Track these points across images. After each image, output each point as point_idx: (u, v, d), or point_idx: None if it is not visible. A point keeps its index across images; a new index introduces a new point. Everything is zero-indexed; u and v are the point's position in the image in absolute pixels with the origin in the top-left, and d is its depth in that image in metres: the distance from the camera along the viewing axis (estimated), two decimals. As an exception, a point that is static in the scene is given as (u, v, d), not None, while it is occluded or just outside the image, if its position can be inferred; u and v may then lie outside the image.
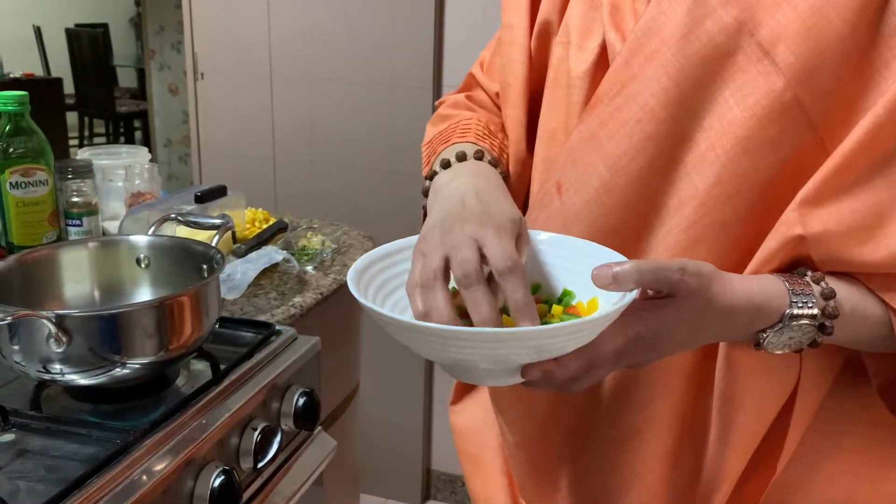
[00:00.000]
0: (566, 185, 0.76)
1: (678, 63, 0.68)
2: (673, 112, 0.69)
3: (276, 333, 1.06)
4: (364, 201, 2.26)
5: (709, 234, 0.70)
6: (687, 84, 0.68)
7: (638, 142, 0.71)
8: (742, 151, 0.67)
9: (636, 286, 0.61)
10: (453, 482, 2.45)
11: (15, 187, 1.27)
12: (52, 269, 0.97)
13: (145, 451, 0.78)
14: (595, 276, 0.61)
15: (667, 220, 0.72)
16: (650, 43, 0.70)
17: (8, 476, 0.75)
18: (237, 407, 0.89)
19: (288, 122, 2.31)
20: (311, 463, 1.06)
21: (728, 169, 0.68)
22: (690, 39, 0.68)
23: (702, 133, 0.69)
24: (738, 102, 0.67)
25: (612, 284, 0.60)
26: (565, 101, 0.78)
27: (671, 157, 0.70)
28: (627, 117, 0.71)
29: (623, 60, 0.72)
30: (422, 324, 0.60)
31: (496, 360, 0.61)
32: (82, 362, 0.81)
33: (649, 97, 0.70)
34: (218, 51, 2.33)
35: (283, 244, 1.46)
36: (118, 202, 1.56)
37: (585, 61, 0.76)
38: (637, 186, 0.72)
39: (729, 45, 0.67)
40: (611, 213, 0.73)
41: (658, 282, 0.62)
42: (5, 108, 1.25)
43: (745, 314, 0.65)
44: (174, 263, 1.00)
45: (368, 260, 0.70)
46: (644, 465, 0.77)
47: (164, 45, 4.60)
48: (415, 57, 2.11)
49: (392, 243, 0.73)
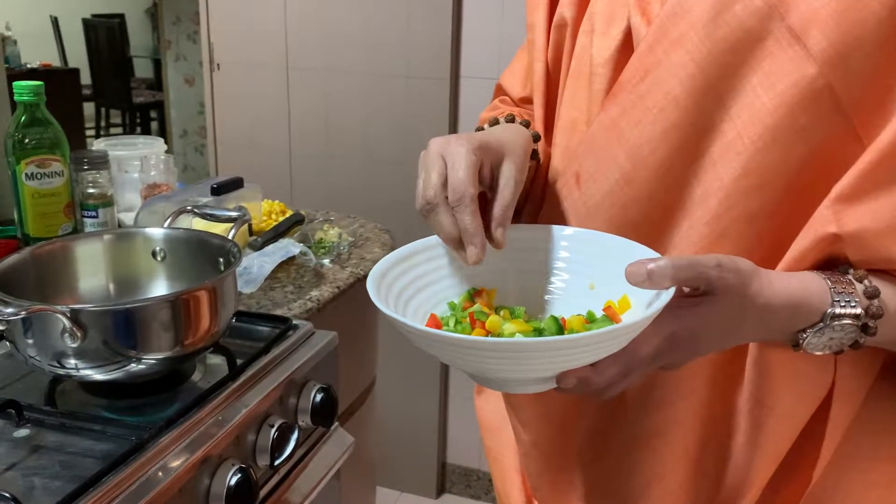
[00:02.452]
0: (585, 176, 0.74)
1: (705, 48, 0.66)
2: (698, 100, 0.67)
3: (293, 328, 1.04)
4: (380, 193, 2.24)
5: (734, 228, 0.67)
6: (714, 70, 0.66)
7: (661, 131, 0.68)
8: (770, 141, 0.64)
9: (672, 284, 0.58)
10: (468, 476, 2.44)
11: (30, 178, 1.26)
12: (67, 261, 0.96)
13: (161, 449, 0.77)
14: (629, 273, 0.59)
15: (690, 213, 0.69)
16: (676, 27, 0.67)
17: (23, 472, 0.74)
18: (254, 403, 0.88)
19: (304, 114, 2.29)
20: (329, 460, 1.04)
21: (755, 159, 0.65)
22: (718, 23, 0.65)
23: (728, 122, 0.66)
24: (767, 90, 0.64)
25: (646, 282, 0.58)
26: (587, 89, 0.76)
27: (696, 147, 0.68)
28: (650, 105, 0.69)
29: (647, 46, 0.69)
30: (452, 335, 0.58)
31: (529, 370, 0.59)
32: (97, 357, 0.80)
33: (674, 84, 0.67)
34: (234, 41, 2.31)
35: (300, 237, 1.44)
36: (134, 193, 1.55)
37: (608, 48, 0.73)
38: (659, 177, 0.69)
39: (758, 30, 0.64)
40: (631, 205, 0.71)
41: (695, 278, 0.59)
42: (21, 99, 1.24)
43: (784, 312, 0.62)
44: (190, 256, 0.99)
45: (388, 263, 0.68)
46: (664, 467, 0.75)
47: (181, 36, 4.60)
48: (432, 48, 2.09)
49: (411, 245, 0.71)
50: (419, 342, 0.60)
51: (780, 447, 0.71)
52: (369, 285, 0.64)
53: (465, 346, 0.57)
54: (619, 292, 0.65)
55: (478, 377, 0.63)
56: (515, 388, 0.64)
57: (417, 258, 0.71)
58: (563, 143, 0.79)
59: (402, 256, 0.70)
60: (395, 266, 0.69)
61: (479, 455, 2.40)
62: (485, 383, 0.64)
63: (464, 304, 0.70)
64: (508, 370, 0.59)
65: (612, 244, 0.68)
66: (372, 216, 1.73)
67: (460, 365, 0.61)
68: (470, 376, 0.64)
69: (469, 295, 0.71)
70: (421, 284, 0.69)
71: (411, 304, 0.68)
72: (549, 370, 0.59)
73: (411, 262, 0.70)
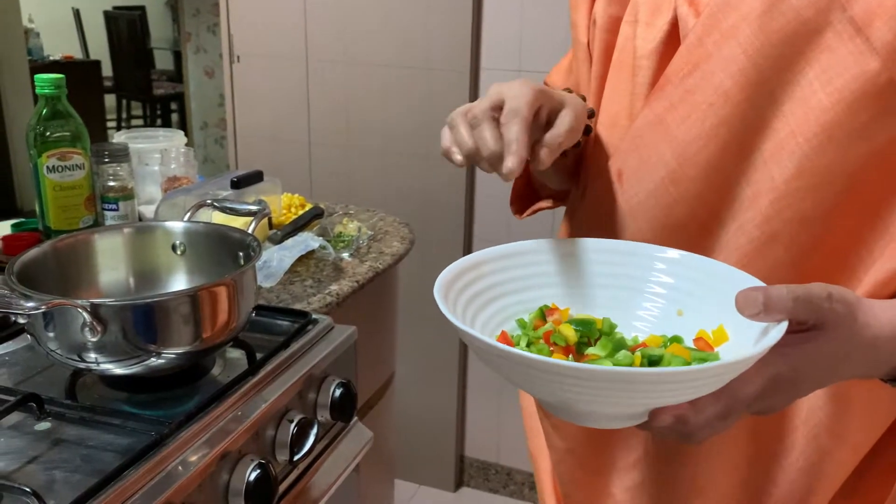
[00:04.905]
0: (628, 174, 0.71)
1: (758, 41, 0.62)
2: (750, 95, 0.64)
3: (313, 322, 1.04)
4: (399, 186, 2.23)
5: (786, 231, 0.64)
6: (767, 64, 0.63)
7: (710, 127, 0.65)
8: (827, 140, 0.61)
9: (788, 316, 0.52)
10: (486, 469, 2.43)
11: (52, 171, 1.26)
12: (88, 255, 0.96)
13: (181, 444, 0.77)
14: (740, 301, 0.53)
15: (739, 215, 0.66)
16: (727, 18, 0.64)
17: (44, 466, 0.74)
18: (273, 398, 0.87)
19: (323, 106, 2.29)
20: (348, 455, 1.04)
21: (810, 159, 0.62)
22: (774, 14, 0.62)
23: (782, 119, 0.63)
24: (824, 85, 0.61)
25: (760, 314, 0.52)
26: (630, 82, 0.73)
27: (746, 145, 0.65)
28: (699, 100, 0.65)
29: (696, 37, 0.66)
30: (547, 360, 0.50)
31: (624, 404, 0.53)
32: (117, 351, 0.80)
33: (725, 78, 0.64)
34: (254, 34, 2.31)
35: (319, 230, 1.44)
36: (154, 186, 1.55)
37: (653, 39, 0.70)
38: (707, 176, 0.66)
39: (817, 22, 0.61)
40: (677, 205, 0.68)
41: (810, 311, 0.53)
42: (42, 92, 1.24)
43: (890, 346, 0.57)
44: (210, 250, 0.99)
45: (456, 271, 0.63)
46: (706, 480, 0.72)
47: (201, 28, 4.60)
48: (451, 40, 2.08)
49: (480, 253, 0.66)
50: (493, 362, 0.54)
51: (843, 475, 0.68)
52: (437, 292, 0.59)
53: (557, 372, 0.50)
54: (711, 321, 0.60)
55: (553, 406, 0.57)
56: (599, 423, 0.58)
57: (486, 267, 0.66)
58: (603, 138, 0.77)
59: (471, 264, 0.65)
60: (463, 274, 0.64)
61: (498, 449, 2.40)
62: (560, 413, 0.58)
63: (535, 322, 0.65)
64: (602, 402, 0.53)
65: (713, 270, 0.62)
66: (391, 209, 1.72)
67: (536, 392, 0.56)
68: (542, 403, 0.59)
69: (541, 313, 0.66)
70: (489, 297, 0.64)
71: (480, 318, 0.63)
72: (647, 404, 0.53)
73: (479, 271, 0.65)
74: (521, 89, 0.62)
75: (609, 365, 0.56)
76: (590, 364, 0.51)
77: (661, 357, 0.57)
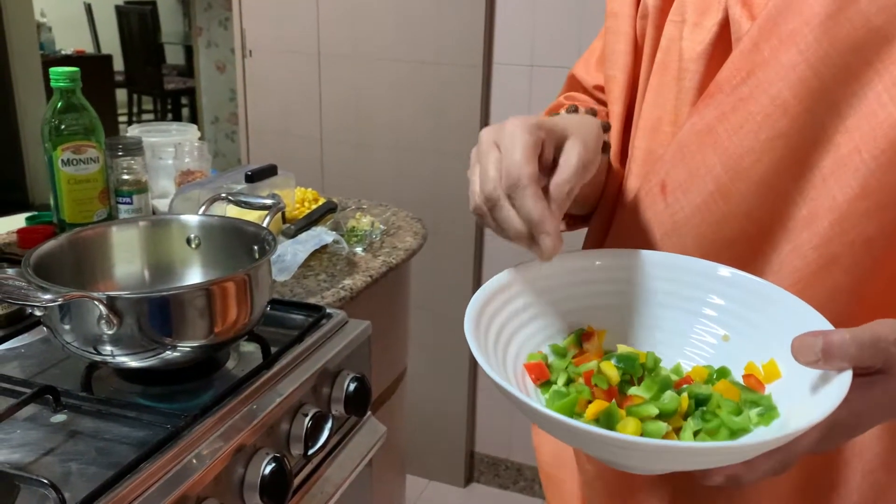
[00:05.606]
0: (672, 186, 0.66)
1: (822, 48, 0.58)
2: (810, 107, 0.59)
3: (327, 317, 1.04)
4: (412, 181, 2.23)
5: (847, 254, 0.59)
6: (830, 74, 0.58)
7: (765, 140, 0.61)
8: (895, 157, 0.57)
9: (851, 364, 0.49)
10: (496, 465, 2.43)
11: (66, 164, 1.27)
12: (104, 247, 0.96)
13: (196, 437, 0.77)
14: (797, 348, 0.50)
15: (794, 235, 0.61)
16: (787, 22, 0.59)
17: (60, 458, 0.74)
18: (288, 392, 0.87)
19: (335, 101, 2.29)
20: (361, 449, 1.04)
21: (876, 178, 0.57)
22: (839, 20, 0.57)
23: (845, 134, 0.59)
24: (894, 99, 0.56)
25: (819, 362, 0.49)
26: (675, 87, 0.68)
27: (804, 161, 0.60)
28: (754, 110, 0.61)
29: (751, 42, 0.61)
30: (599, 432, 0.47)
31: (675, 468, 0.52)
32: (133, 344, 0.80)
33: (783, 88, 0.59)
34: (266, 28, 2.31)
35: (332, 225, 1.44)
36: (168, 180, 1.55)
37: (701, 41, 0.66)
38: (761, 192, 0.62)
39: (888, 30, 0.56)
40: (726, 222, 0.64)
41: (876, 356, 0.50)
42: (57, 85, 1.24)
43: None
44: (225, 244, 0.99)
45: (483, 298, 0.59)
46: None
47: (212, 22, 4.60)
48: (464, 34, 2.07)
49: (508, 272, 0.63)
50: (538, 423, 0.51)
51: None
52: (468, 330, 0.55)
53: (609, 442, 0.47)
54: (760, 351, 0.57)
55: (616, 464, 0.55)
56: (645, 472, 0.57)
57: (515, 289, 0.62)
58: (644, 145, 0.72)
59: (499, 287, 0.61)
60: (491, 300, 0.60)
61: (508, 444, 2.40)
62: (620, 468, 0.55)
63: (570, 348, 0.62)
64: (652, 466, 0.52)
65: (766, 293, 0.59)
66: (403, 204, 1.72)
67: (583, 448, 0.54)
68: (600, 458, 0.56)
69: (577, 338, 0.63)
70: (521, 321, 0.61)
71: (511, 347, 0.60)
72: (700, 467, 0.51)
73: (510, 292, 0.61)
74: (512, 134, 0.57)
75: (653, 409, 0.54)
76: (643, 439, 0.48)
77: (710, 396, 0.55)
